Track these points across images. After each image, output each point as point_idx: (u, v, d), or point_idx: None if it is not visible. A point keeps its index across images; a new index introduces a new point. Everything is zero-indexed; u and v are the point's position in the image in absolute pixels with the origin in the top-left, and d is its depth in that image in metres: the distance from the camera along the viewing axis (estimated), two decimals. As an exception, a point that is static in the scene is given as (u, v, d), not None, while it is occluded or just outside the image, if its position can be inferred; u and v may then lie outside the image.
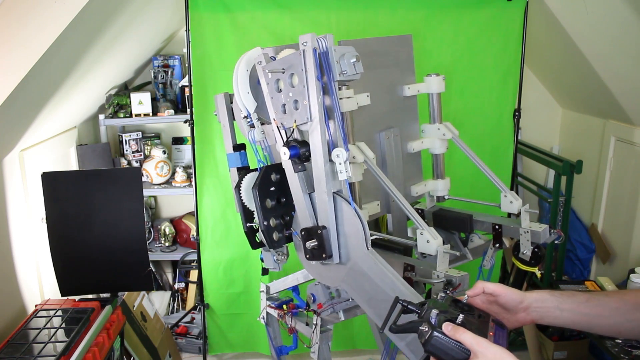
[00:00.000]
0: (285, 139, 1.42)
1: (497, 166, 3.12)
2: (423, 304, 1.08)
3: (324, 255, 1.42)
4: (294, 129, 1.42)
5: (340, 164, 1.35)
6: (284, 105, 1.41)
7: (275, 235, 1.55)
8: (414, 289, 1.37)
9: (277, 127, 1.44)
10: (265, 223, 1.52)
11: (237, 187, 1.61)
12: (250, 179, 1.62)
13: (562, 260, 3.36)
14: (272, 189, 1.54)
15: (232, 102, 1.69)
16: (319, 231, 1.41)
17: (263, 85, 1.47)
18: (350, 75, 1.39)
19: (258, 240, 1.65)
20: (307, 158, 1.41)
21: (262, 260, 1.73)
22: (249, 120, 1.61)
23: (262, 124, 1.61)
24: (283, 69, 1.39)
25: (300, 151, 1.40)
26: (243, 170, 1.73)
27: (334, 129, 1.39)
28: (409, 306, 1.10)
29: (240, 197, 1.61)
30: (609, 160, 3.26)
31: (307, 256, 1.46)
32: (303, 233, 1.46)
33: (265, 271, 1.76)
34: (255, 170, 1.65)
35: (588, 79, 3.12)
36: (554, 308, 1.14)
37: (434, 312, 1.01)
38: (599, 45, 2.84)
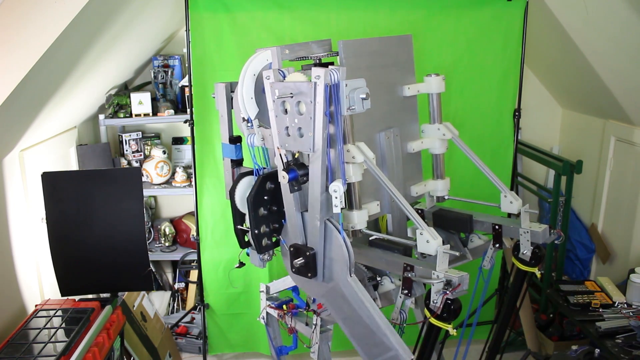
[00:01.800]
0: (285, 165, 1.46)
1: (497, 166, 3.12)
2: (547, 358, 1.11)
3: (309, 275, 1.49)
4: (294, 157, 1.47)
5: (336, 197, 1.40)
6: (287, 128, 1.43)
7: (264, 242, 1.61)
8: (387, 320, 1.45)
9: (280, 154, 1.49)
10: (256, 231, 1.58)
11: (232, 191, 1.65)
12: (245, 185, 1.65)
13: (562, 260, 3.36)
14: (266, 197, 1.58)
15: (232, 91, 1.70)
16: (308, 253, 1.48)
17: (269, 101, 1.48)
18: (358, 111, 1.43)
19: (246, 240, 1.70)
20: (305, 181, 1.46)
21: (247, 254, 1.79)
22: (249, 124, 1.61)
23: (259, 126, 1.61)
24: (291, 93, 1.42)
25: (298, 174, 1.45)
26: (235, 164, 1.76)
27: (334, 159, 1.44)
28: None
29: (234, 202, 1.65)
30: (609, 160, 3.26)
31: (293, 270, 1.53)
32: (292, 249, 1.52)
33: (241, 264, 1.82)
34: (250, 172, 1.66)
35: (588, 78, 3.12)
36: None
37: None
38: (599, 45, 2.84)
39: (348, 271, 1.44)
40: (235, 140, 1.77)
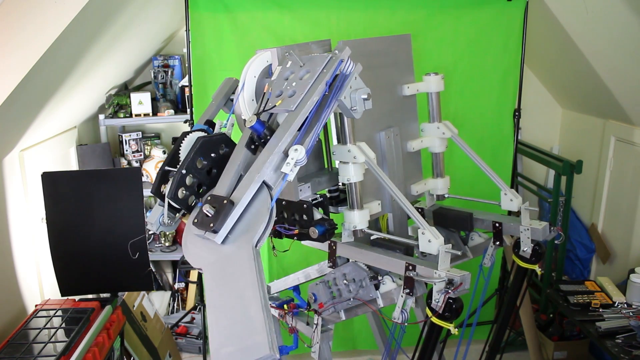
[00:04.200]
0: (260, 109, 1.39)
1: (497, 166, 3.12)
2: None
3: (211, 225, 1.29)
4: (273, 106, 1.39)
5: (292, 158, 1.29)
6: (281, 91, 1.42)
7: (181, 192, 1.43)
8: (268, 306, 1.24)
9: (264, 93, 1.41)
10: (183, 172, 1.42)
11: (186, 133, 1.55)
12: (200, 134, 1.56)
13: (562, 260, 3.36)
14: (213, 155, 1.47)
15: (233, 93, 1.70)
16: (225, 201, 1.30)
17: (275, 71, 1.47)
18: (359, 111, 1.42)
19: (162, 191, 1.51)
20: (263, 144, 1.36)
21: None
22: (224, 122, 1.60)
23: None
24: (304, 63, 1.40)
25: (262, 131, 1.35)
26: None
27: (308, 133, 1.35)
28: None
29: (181, 142, 1.53)
30: (609, 160, 3.26)
31: (196, 220, 1.34)
32: (209, 197, 1.35)
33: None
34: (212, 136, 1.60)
35: (588, 78, 3.12)
36: None
37: None
38: (598, 45, 2.84)
39: (257, 239, 1.28)
40: (210, 125, 1.69)
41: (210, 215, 1.30)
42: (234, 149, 1.45)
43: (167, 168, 1.49)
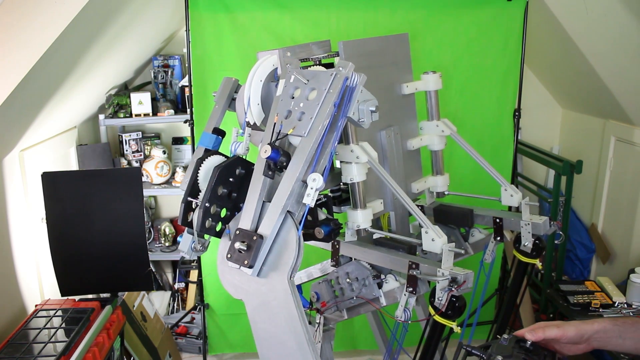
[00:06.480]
0: (272, 139, 1.39)
1: (497, 166, 3.07)
2: (487, 347, 1.09)
3: (246, 262, 1.35)
4: (286, 135, 1.39)
5: (312, 188, 1.31)
6: (290, 111, 1.41)
7: (208, 222, 1.48)
8: (311, 336, 1.35)
9: (274, 124, 1.41)
10: (206, 205, 1.46)
11: (201, 160, 1.57)
12: (215, 160, 1.58)
13: (562, 260, 3.36)
14: (231, 180, 1.50)
15: (236, 92, 1.69)
16: (255, 237, 1.36)
17: (279, 86, 1.46)
18: (366, 122, 1.41)
19: (189, 219, 1.57)
20: (282, 169, 1.38)
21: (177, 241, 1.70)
22: (241, 131, 1.59)
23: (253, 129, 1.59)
24: (307, 80, 1.39)
25: (279, 158, 1.36)
26: (207, 156, 1.66)
27: (322, 156, 1.37)
28: (473, 350, 1.10)
29: (198, 170, 1.56)
30: (609, 160, 3.26)
31: (229, 255, 1.40)
32: (238, 232, 1.40)
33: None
34: (223, 155, 1.62)
35: (588, 78, 3.12)
36: (615, 337, 1.16)
37: (498, 358, 1.03)
38: (598, 44, 2.85)
39: (290, 271, 1.35)
40: (219, 132, 1.70)
41: (242, 252, 1.36)
42: (249, 168, 1.47)
43: (189, 199, 1.55)
